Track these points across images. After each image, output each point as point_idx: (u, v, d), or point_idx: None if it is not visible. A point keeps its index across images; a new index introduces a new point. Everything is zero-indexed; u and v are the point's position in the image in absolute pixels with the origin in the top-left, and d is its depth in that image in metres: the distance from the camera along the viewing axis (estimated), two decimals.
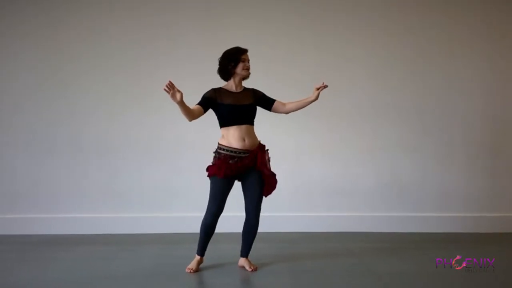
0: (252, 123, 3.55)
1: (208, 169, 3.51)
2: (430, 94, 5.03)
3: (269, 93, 3.71)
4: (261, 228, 3.70)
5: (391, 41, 5.02)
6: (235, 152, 3.45)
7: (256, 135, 3.57)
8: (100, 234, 4.75)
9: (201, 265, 3.67)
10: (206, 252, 3.81)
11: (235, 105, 3.49)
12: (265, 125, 3.70)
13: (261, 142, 3.60)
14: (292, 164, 4.95)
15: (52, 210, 4.84)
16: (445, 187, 5.03)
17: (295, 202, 4.96)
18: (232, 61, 3.51)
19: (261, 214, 3.64)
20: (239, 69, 3.51)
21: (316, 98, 3.58)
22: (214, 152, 3.55)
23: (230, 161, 3.43)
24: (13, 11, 4.85)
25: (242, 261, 3.68)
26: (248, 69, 3.53)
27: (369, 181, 4.99)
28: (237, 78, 3.55)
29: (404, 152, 5.02)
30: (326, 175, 4.99)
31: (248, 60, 3.55)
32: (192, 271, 3.57)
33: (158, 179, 4.91)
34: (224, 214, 3.61)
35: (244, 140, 3.47)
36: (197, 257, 3.65)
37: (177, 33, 4.93)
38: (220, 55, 3.64)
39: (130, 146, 4.90)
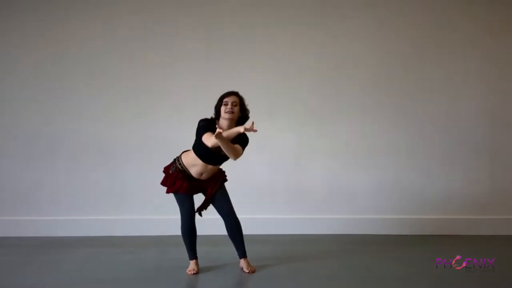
0: (220, 164, 3.56)
1: (163, 182, 3.65)
2: (431, 96, 5.03)
3: (269, 94, 3.68)
4: (260, 230, 3.71)
5: (393, 43, 5.02)
6: (191, 176, 3.54)
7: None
8: (101, 236, 4.75)
9: (200, 268, 3.67)
10: (206, 255, 3.85)
11: (214, 151, 3.40)
12: (264, 126, 3.71)
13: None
14: (292, 165, 4.95)
15: (53, 212, 4.84)
16: (446, 189, 5.03)
17: (294, 204, 4.95)
18: (217, 106, 3.49)
19: (261, 216, 3.66)
20: (222, 112, 3.43)
21: (240, 132, 3.23)
22: (173, 161, 3.61)
23: (184, 177, 3.53)
24: (13, 12, 4.86)
25: (241, 262, 3.68)
26: (230, 111, 3.39)
27: (370, 183, 4.99)
28: (224, 122, 3.42)
29: (405, 154, 5.02)
30: (326, 177, 4.98)
31: (234, 103, 3.41)
32: (194, 271, 3.57)
33: (159, 181, 4.90)
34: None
35: (201, 175, 3.53)
36: (193, 261, 3.65)
37: (178, 34, 4.93)
38: (220, 55, 3.62)
39: (131, 148, 4.91)
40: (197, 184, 3.57)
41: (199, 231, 4.84)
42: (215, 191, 3.58)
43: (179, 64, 4.90)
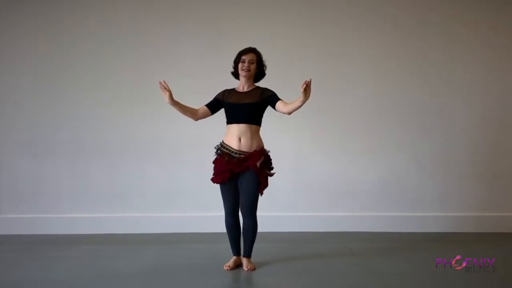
0: (252, 122, 3.54)
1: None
2: (429, 94, 5.03)
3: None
4: (262, 228, 3.70)
5: (391, 42, 5.02)
6: (231, 151, 3.51)
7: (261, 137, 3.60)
8: (100, 234, 4.75)
9: (201, 266, 3.69)
10: (206, 252, 3.91)
11: (235, 103, 3.56)
12: (265, 125, 3.71)
13: (264, 146, 3.59)
14: (293, 164, 4.95)
15: (53, 210, 4.85)
16: (445, 186, 5.03)
17: (295, 202, 4.96)
18: (235, 62, 3.64)
19: (262, 214, 3.65)
20: (239, 69, 3.59)
21: (306, 97, 3.30)
22: (215, 147, 3.62)
23: (226, 158, 3.49)
24: (13, 11, 4.86)
25: (242, 260, 3.69)
26: (246, 69, 3.55)
27: (370, 181, 4.99)
28: (242, 79, 3.62)
29: (404, 152, 5.01)
30: (327, 175, 4.98)
31: (251, 61, 3.56)
32: (229, 268, 3.61)
33: (158, 179, 4.92)
34: (222, 214, 3.64)
35: (239, 140, 3.50)
36: (233, 258, 3.69)
37: (178, 33, 4.93)
38: (221, 55, 3.68)
39: (131, 145, 4.91)
40: (238, 164, 3.46)
41: (199, 229, 4.87)
42: (254, 165, 3.43)
43: (181, 64, 4.89)
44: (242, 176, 3.52)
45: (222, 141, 3.60)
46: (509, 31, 5.07)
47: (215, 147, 3.62)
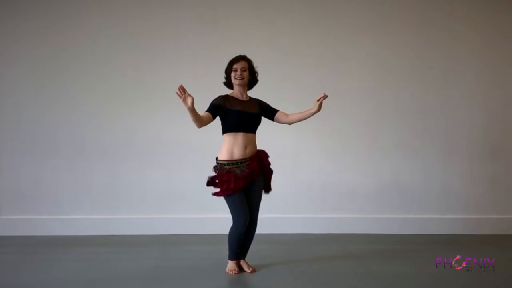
0: (255, 132, 3.57)
1: (216, 187, 3.46)
2: (431, 95, 5.03)
3: (270, 94, 3.72)
4: (261, 230, 3.70)
5: (391, 41, 5.01)
6: (237, 163, 3.45)
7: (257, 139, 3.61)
8: (101, 235, 4.76)
9: (201, 268, 3.70)
10: (206, 254, 3.92)
11: (244, 111, 3.48)
12: (265, 127, 3.71)
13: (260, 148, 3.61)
14: (293, 165, 4.95)
15: (54, 211, 4.85)
16: (446, 188, 5.03)
17: (296, 203, 4.96)
18: (227, 71, 3.56)
19: (262, 215, 3.66)
20: (232, 78, 3.52)
21: (319, 109, 3.52)
22: (214, 168, 3.50)
23: (237, 172, 3.42)
24: (14, 12, 4.86)
25: (241, 262, 3.68)
26: (240, 78, 3.49)
27: (370, 183, 4.99)
28: (236, 88, 3.56)
29: (405, 153, 5.01)
30: (327, 177, 4.98)
31: (243, 68, 3.49)
32: (236, 271, 3.56)
33: (159, 181, 4.92)
34: (223, 215, 3.63)
35: (246, 148, 3.47)
36: (235, 262, 3.61)
37: (178, 34, 4.93)
38: (221, 56, 3.66)
39: (131, 147, 4.91)
40: (245, 175, 3.43)
41: (199, 230, 4.88)
42: (262, 169, 3.51)
43: (181, 64, 4.89)
44: (252, 182, 3.49)
45: (221, 160, 3.45)
46: (511, 30, 5.06)
47: (214, 169, 3.49)
